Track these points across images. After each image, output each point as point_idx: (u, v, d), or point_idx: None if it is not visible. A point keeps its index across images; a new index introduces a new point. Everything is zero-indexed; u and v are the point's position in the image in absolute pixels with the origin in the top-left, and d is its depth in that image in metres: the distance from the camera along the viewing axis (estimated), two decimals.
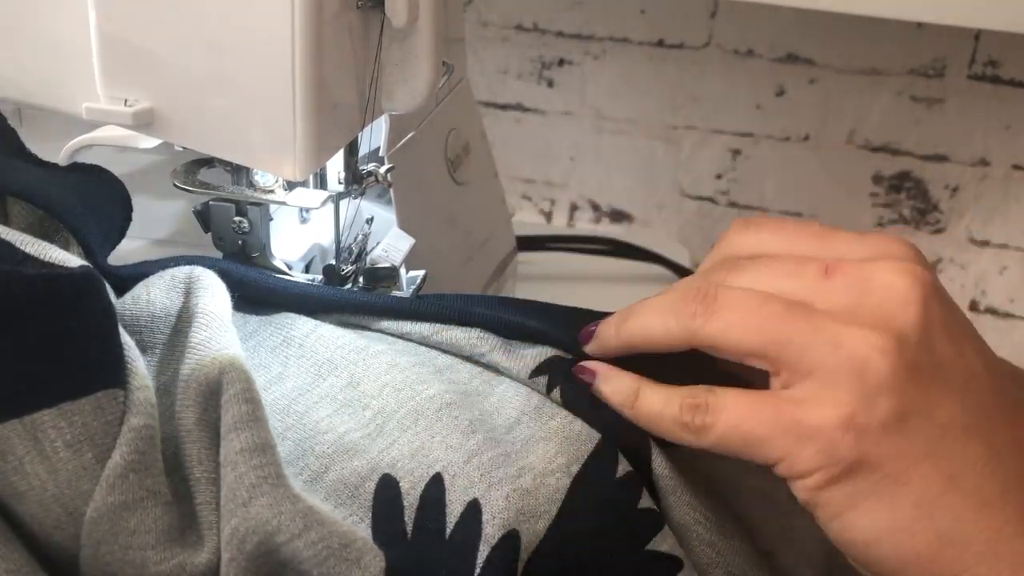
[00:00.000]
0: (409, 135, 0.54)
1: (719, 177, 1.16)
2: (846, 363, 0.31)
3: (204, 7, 0.36)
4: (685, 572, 0.35)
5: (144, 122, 0.39)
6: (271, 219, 0.46)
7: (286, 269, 0.46)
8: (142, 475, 0.31)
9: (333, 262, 0.47)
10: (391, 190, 0.51)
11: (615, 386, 0.36)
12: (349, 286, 0.47)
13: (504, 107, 1.16)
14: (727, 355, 0.34)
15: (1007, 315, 1.16)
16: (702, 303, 0.34)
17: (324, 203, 0.44)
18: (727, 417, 0.33)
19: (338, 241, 0.47)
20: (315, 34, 0.36)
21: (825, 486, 0.32)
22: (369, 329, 0.41)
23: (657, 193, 1.17)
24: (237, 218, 0.45)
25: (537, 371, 0.38)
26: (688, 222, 1.17)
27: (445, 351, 0.39)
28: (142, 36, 0.38)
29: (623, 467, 0.36)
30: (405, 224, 0.51)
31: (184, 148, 0.43)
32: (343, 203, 0.46)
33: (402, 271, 0.48)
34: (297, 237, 0.50)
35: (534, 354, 0.38)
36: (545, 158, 1.17)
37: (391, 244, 0.48)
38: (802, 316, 0.32)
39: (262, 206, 0.45)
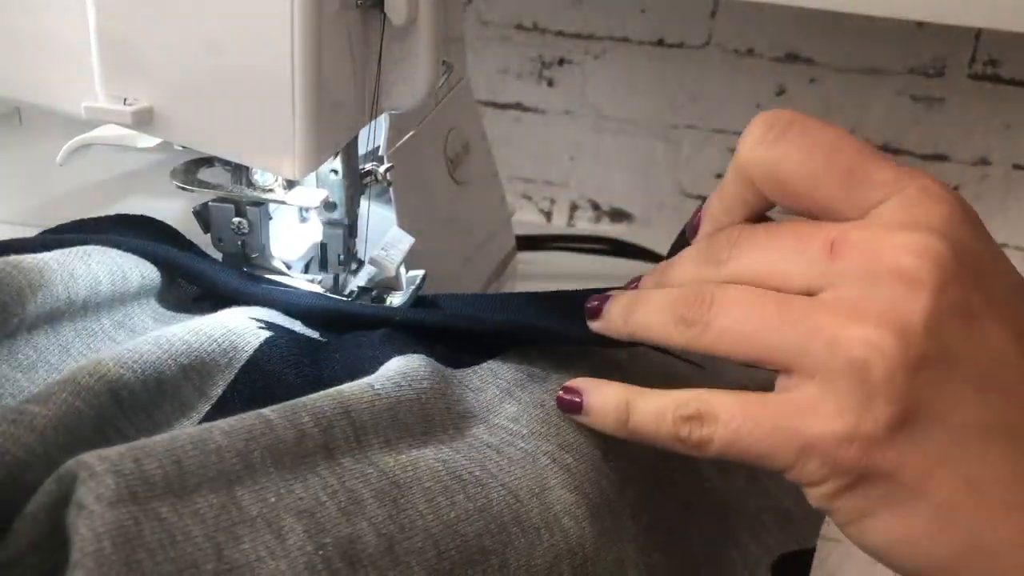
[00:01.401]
0: (409, 134, 0.54)
1: (719, 176, 1.16)
2: (844, 367, 0.28)
3: (203, 6, 0.36)
4: None
5: (143, 121, 0.39)
6: (270, 219, 0.46)
7: (285, 269, 0.46)
8: None
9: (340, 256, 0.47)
10: (391, 189, 0.51)
11: (604, 407, 0.34)
12: (348, 286, 0.47)
13: (504, 106, 1.16)
14: (730, 360, 0.32)
15: None
16: (698, 309, 0.31)
17: (323, 202, 0.44)
18: (724, 431, 0.31)
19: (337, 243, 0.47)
20: (314, 33, 0.36)
21: (836, 496, 0.30)
22: None
23: (657, 193, 1.17)
24: (236, 219, 0.45)
25: None
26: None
27: None
28: (141, 35, 0.38)
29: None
30: (405, 223, 0.51)
31: (183, 147, 0.43)
32: (363, 202, 0.47)
33: (401, 270, 0.48)
34: (296, 237, 0.50)
35: None
36: (545, 157, 1.17)
37: (391, 243, 0.48)
38: (798, 315, 0.29)
39: (261, 206, 0.45)
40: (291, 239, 0.50)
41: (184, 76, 0.38)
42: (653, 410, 0.32)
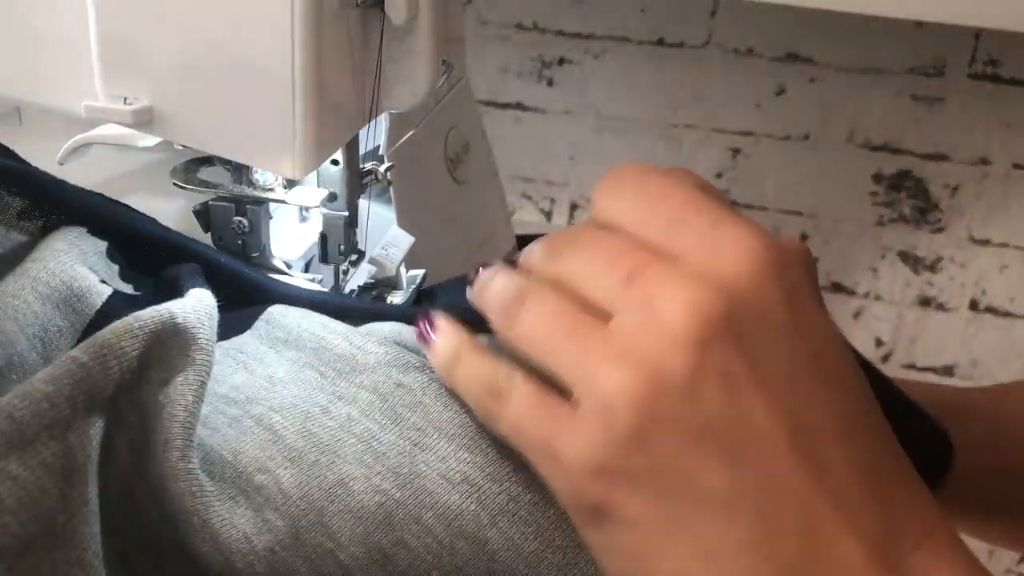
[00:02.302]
0: (409, 133, 0.54)
1: (719, 176, 1.16)
2: (598, 402, 0.28)
3: (203, 5, 0.36)
4: None
5: (143, 120, 0.39)
6: (271, 218, 0.46)
7: (285, 269, 0.46)
8: None
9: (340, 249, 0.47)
10: (391, 188, 0.51)
11: (440, 346, 0.34)
12: (348, 283, 0.47)
13: (504, 106, 1.16)
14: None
15: (1007, 314, 1.16)
16: (515, 304, 0.32)
17: (323, 202, 0.44)
18: (510, 415, 0.31)
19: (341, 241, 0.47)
20: (315, 32, 0.36)
21: (584, 524, 0.30)
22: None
23: None
24: (237, 218, 0.45)
25: None
26: None
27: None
28: (141, 34, 0.38)
29: None
30: (405, 223, 0.51)
31: (184, 146, 0.43)
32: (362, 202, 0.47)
33: (401, 270, 0.48)
34: (297, 236, 0.50)
35: None
36: (545, 157, 1.17)
37: (391, 243, 0.48)
38: (581, 335, 0.29)
39: (262, 205, 0.45)
40: (291, 238, 0.50)
41: (184, 75, 0.38)
42: (473, 371, 0.32)
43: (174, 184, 0.45)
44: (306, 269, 0.49)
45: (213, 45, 0.37)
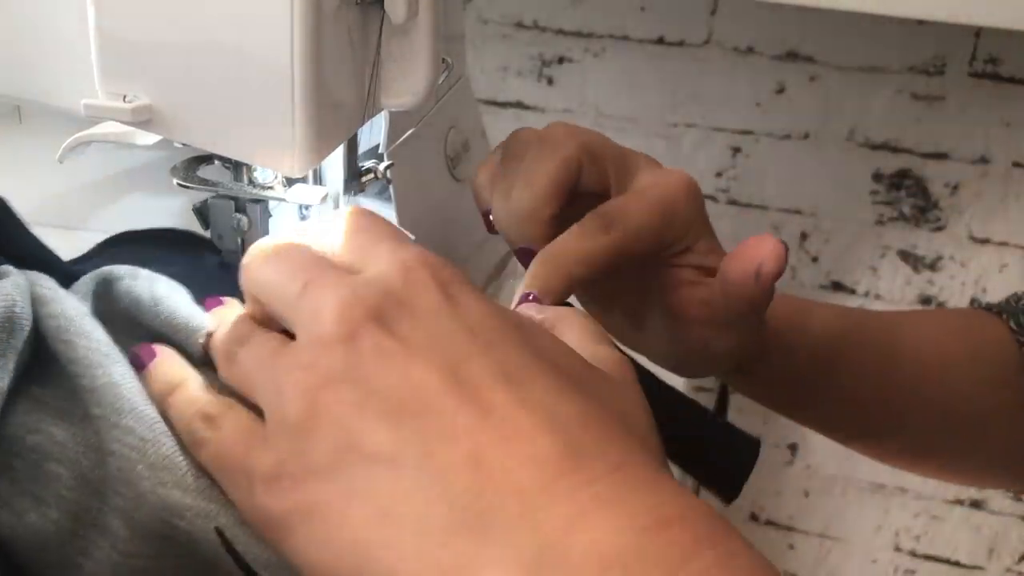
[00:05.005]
0: (409, 132, 0.54)
1: (719, 175, 1.16)
2: (277, 414, 0.30)
3: (203, 3, 0.36)
4: None
5: (143, 118, 0.39)
6: (270, 216, 0.46)
7: None
8: None
9: None
10: (390, 187, 0.51)
11: (160, 373, 0.35)
12: None
13: (504, 105, 1.16)
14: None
15: None
16: (233, 345, 0.34)
17: (323, 200, 0.44)
18: (217, 440, 0.32)
19: None
20: (314, 30, 0.36)
21: (276, 539, 0.31)
22: None
23: None
24: (236, 216, 0.45)
25: None
26: None
27: None
28: (141, 32, 0.38)
29: None
30: (404, 221, 0.51)
31: (183, 144, 0.43)
32: (342, 200, 0.46)
33: None
34: None
35: None
36: None
37: None
38: (269, 362, 0.32)
39: (261, 203, 0.45)
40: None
41: (183, 73, 0.38)
42: (193, 397, 0.34)
43: (175, 182, 0.45)
44: None
45: (213, 43, 0.37)
